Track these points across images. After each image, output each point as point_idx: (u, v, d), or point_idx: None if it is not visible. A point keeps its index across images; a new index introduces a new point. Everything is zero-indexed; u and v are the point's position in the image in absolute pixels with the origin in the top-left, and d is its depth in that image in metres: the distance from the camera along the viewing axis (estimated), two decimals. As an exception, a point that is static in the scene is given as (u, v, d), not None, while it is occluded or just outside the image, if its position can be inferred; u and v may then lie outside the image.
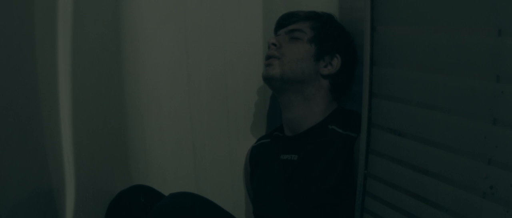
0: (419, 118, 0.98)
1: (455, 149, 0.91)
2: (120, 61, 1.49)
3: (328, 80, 1.43)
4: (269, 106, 1.66)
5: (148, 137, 1.54)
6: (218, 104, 1.60)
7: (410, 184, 1.00)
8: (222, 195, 1.58)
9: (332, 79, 1.44)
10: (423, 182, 0.97)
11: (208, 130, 1.60)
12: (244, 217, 1.65)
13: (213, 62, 1.59)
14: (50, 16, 1.36)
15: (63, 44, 1.38)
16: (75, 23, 1.39)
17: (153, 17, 1.52)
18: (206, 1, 1.57)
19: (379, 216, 1.09)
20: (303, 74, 1.41)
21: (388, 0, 1.04)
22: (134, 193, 1.43)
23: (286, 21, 1.50)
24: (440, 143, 0.94)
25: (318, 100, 1.43)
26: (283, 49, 1.44)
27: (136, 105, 1.51)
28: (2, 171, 1.30)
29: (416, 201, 0.99)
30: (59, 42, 1.38)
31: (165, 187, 1.48)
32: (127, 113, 1.51)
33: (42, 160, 1.37)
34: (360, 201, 1.13)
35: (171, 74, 1.55)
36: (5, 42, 1.28)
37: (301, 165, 1.39)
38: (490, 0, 0.83)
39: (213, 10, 1.58)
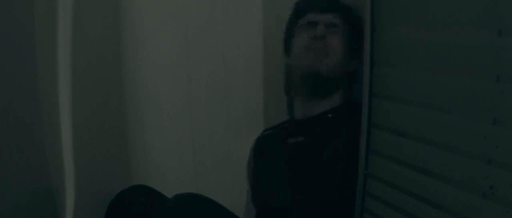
0: (419, 118, 0.98)
1: (455, 149, 0.91)
2: (120, 61, 1.49)
3: (349, 76, 1.41)
4: (269, 106, 1.66)
5: (148, 137, 1.54)
6: (218, 104, 1.60)
7: (410, 184, 1.00)
8: (222, 195, 1.57)
9: (352, 75, 1.42)
10: (423, 182, 0.97)
11: (208, 130, 1.60)
12: (244, 217, 1.65)
13: (213, 62, 1.59)
14: (50, 16, 1.36)
15: (63, 44, 1.38)
16: (75, 23, 1.39)
17: (153, 17, 1.51)
18: (206, 1, 1.57)
19: (379, 216, 1.08)
20: (337, 71, 1.38)
21: (388, 0, 1.04)
22: (134, 193, 1.43)
23: (322, 9, 1.41)
24: (440, 143, 0.94)
25: (337, 95, 1.42)
26: (327, 42, 1.37)
27: (136, 105, 1.51)
28: (2, 171, 1.30)
29: (416, 201, 0.99)
30: (59, 42, 1.38)
31: (165, 187, 1.48)
32: (127, 113, 1.51)
33: (42, 160, 1.37)
34: (360, 201, 1.13)
35: (171, 74, 1.55)
36: (5, 42, 1.28)
37: (307, 146, 1.37)
38: (490, 0, 0.83)
39: (213, 10, 1.58)
